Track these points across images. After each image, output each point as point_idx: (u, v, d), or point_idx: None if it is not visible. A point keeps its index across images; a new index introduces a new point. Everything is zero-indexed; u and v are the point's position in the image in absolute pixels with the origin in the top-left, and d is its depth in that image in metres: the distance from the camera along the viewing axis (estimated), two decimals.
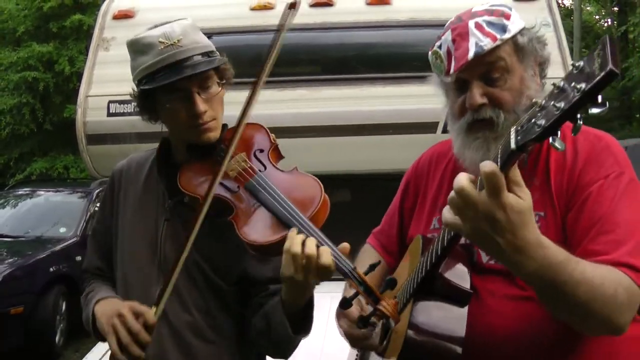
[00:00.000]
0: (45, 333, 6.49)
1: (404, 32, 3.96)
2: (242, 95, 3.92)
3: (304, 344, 2.95)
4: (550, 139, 1.06)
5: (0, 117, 13.92)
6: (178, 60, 1.70)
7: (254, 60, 4.00)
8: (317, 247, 1.48)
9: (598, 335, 1.44)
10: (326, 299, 3.13)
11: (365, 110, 3.81)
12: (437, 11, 3.90)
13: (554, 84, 1.07)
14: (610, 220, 1.41)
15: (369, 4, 4.00)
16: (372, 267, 1.52)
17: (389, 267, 1.93)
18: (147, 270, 1.79)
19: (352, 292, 1.51)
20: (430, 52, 1.66)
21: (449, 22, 1.65)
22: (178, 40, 1.71)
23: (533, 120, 1.09)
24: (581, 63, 1.03)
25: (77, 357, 6.23)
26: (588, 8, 21.88)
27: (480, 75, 1.56)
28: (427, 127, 3.74)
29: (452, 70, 1.57)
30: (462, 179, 1.18)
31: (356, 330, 1.66)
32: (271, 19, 3.96)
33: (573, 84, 1.03)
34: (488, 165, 1.14)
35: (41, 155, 14.24)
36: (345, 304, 1.51)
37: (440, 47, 1.61)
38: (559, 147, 1.06)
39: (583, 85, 1.00)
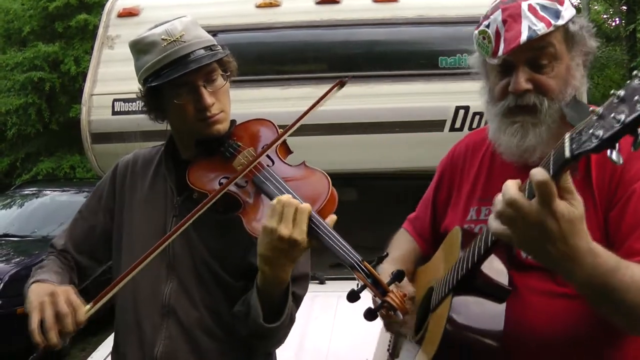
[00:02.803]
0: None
1: (411, 30, 3.94)
2: (246, 93, 3.91)
3: (310, 342, 2.94)
4: (608, 152, 1.04)
5: (6, 117, 13.92)
6: (182, 55, 1.71)
7: (259, 57, 4.02)
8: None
9: None
10: (333, 298, 3.12)
11: (372, 109, 3.79)
12: (444, 8, 3.88)
13: (613, 93, 1.04)
14: None
15: (375, 1, 3.98)
16: (379, 259, 1.51)
17: (423, 253, 1.92)
18: (156, 268, 1.79)
19: (360, 284, 1.50)
20: (476, 32, 1.61)
21: (498, 0, 1.60)
22: (180, 36, 1.73)
23: (590, 130, 1.06)
24: None
25: (84, 356, 6.21)
26: (596, 7, 21.77)
27: (527, 59, 1.53)
28: (435, 126, 3.72)
29: (500, 52, 1.53)
30: (511, 190, 1.16)
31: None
32: (277, 16, 3.95)
33: (636, 95, 1.00)
34: (540, 174, 1.12)
35: (47, 155, 14.23)
36: (353, 296, 1.50)
37: (488, 26, 1.56)
38: (616, 160, 1.03)
39: None
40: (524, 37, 1.49)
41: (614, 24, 22.10)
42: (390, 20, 3.94)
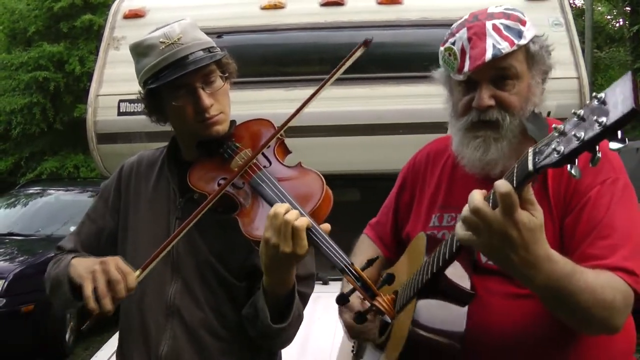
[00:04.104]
0: (55, 331, 6.52)
1: (414, 32, 3.95)
2: (251, 94, 3.91)
3: (314, 342, 2.94)
4: (568, 167, 1.09)
5: (11, 116, 13.99)
6: (180, 57, 1.73)
7: (263, 59, 4.03)
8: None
9: (596, 335, 1.51)
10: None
11: (376, 110, 3.80)
12: (447, 10, 3.89)
13: (574, 112, 1.09)
14: (607, 225, 1.48)
15: (379, 3, 3.99)
16: (369, 263, 1.53)
17: (386, 258, 1.96)
18: (160, 269, 1.80)
19: (349, 287, 1.53)
20: (442, 48, 1.67)
21: (463, 19, 1.67)
22: (178, 39, 1.75)
23: (552, 145, 1.11)
24: (603, 95, 1.05)
25: (87, 355, 6.25)
26: (599, 8, 21.73)
27: (491, 77, 1.60)
28: (437, 127, 3.70)
29: (465, 69, 1.59)
30: (477, 199, 1.22)
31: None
32: (281, 18, 3.96)
33: (594, 116, 1.05)
34: (503, 186, 1.18)
35: (52, 154, 14.29)
36: (342, 299, 1.54)
37: (454, 43, 1.63)
38: (575, 175, 1.08)
39: (604, 120, 1.02)
40: (489, 55, 1.56)
41: (617, 25, 22.07)
42: (394, 22, 3.95)
